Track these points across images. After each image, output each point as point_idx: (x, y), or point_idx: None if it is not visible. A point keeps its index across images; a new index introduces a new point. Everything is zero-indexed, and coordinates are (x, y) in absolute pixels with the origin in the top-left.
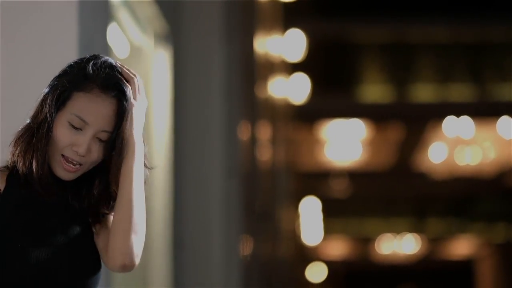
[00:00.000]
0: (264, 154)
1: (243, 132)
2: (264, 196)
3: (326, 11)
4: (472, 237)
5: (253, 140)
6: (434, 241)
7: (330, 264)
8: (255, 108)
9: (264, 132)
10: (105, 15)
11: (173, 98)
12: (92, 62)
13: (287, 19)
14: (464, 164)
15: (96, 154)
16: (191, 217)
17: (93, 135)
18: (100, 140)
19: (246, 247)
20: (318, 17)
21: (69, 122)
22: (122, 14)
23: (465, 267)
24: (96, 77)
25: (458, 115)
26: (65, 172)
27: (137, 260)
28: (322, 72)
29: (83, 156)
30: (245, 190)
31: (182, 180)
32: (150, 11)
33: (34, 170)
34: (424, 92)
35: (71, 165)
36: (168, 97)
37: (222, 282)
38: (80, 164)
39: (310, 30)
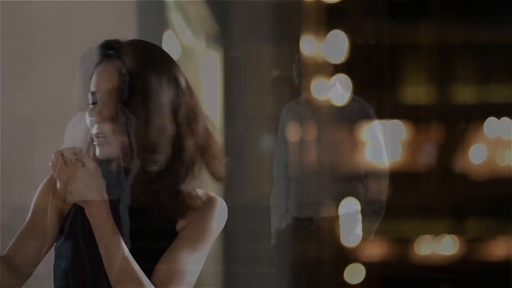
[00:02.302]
0: (309, 155)
1: (292, 133)
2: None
3: (368, 12)
4: None
5: (301, 142)
6: (473, 242)
7: (368, 265)
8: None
9: (309, 133)
10: (162, 18)
11: (224, 99)
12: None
13: (330, 20)
14: (505, 165)
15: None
16: (240, 215)
17: None
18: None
19: (293, 248)
20: (360, 18)
21: None
22: (174, 15)
23: (505, 268)
24: None
25: (499, 116)
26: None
27: None
28: (363, 73)
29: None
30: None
31: (231, 181)
32: (201, 11)
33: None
34: (464, 93)
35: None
36: (219, 98)
37: (271, 282)
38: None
39: (352, 31)
